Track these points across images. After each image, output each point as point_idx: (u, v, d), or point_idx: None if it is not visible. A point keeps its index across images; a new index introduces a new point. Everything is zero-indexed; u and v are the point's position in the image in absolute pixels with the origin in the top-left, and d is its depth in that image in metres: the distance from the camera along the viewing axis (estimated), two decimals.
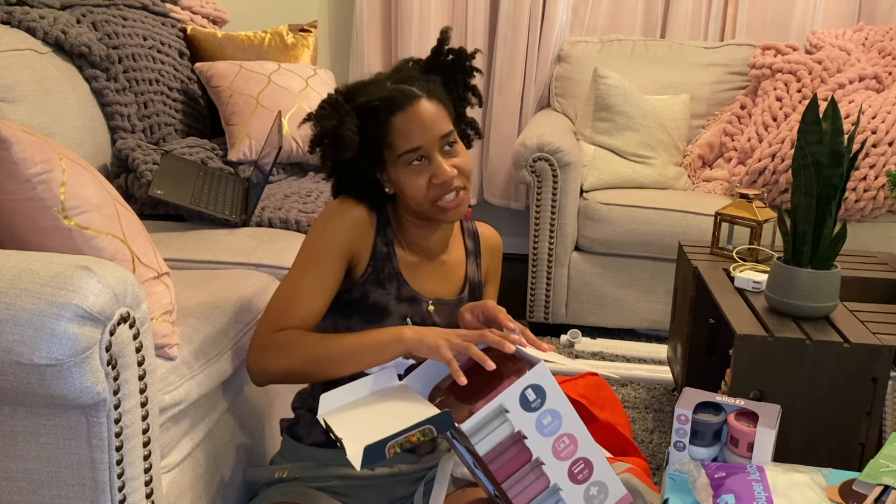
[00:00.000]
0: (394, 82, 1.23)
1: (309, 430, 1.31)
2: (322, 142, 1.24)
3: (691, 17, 3.14)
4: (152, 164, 1.93)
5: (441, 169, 1.21)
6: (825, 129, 1.40)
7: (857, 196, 2.43)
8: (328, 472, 1.27)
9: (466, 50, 1.30)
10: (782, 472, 1.15)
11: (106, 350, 0.96)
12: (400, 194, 1.25)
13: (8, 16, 1.89)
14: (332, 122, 1.21)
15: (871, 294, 1.76)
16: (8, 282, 0.93)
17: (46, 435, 1.01)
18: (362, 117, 1.21)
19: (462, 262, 1.37)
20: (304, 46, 2.68)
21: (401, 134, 1.20)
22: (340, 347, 1.17)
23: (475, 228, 1.43)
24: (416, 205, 1.23)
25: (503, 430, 1.03)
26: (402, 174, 1.22)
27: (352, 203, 1.26)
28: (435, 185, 1.21)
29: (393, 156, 1.22)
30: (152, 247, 1.26)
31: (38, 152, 1.10)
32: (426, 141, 1.20)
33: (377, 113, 1.21)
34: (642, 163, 2.73)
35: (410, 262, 1.30)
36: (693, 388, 1.27)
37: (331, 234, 1.24)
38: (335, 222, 1.24)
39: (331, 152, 1.23)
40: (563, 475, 1.06)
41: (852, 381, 1.41)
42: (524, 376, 1.03)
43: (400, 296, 1.27)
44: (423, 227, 1.29)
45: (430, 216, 1.25)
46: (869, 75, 2.66)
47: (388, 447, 1.00)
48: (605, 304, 2.60)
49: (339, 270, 1.24)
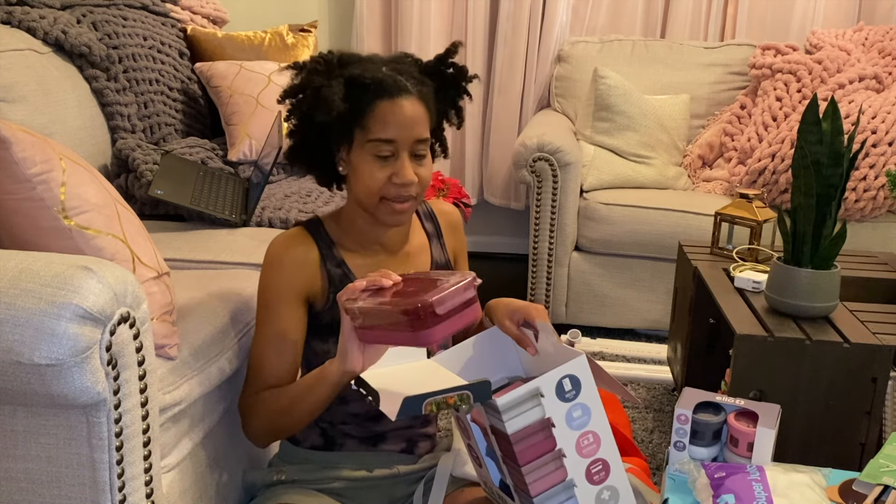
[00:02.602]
0: (389, 69, 1.20)
1: (306, 434, 1.30)
2: (299, 94, 1.21)
3: (691, 17, 3.14)
4: (152, 164, 1.93)
5: (406, 170, 1.18)
6: (825, 129, 1.40)
7: (857, 196, 2.43)
8: (327, 474, 1.27)
9: (468, 70, 1.28)
10: (782, 472, 1.15)
11: (106, 350, 0.96)
12: (352, 179, 1.22)
13: (8, 16, 1.89)
14: (320, 80, 1.18)
15: (871, 294, 1.76)
16: (8, 282, 0.93)
17: (46, 435, 1.01)
18: (348, 88, 1.18)
19: (426, 248, 1.34)
20: (304, 46, 2.68)
21: (379, 120, 1.17)
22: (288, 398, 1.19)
23: (431, 209, 1.39)
24: (364, 195, 1.20)
25: (534, 414, 1.03)
26: (365, 160, 1.19)
27: (286, 244, 1.24)
28: (394, 183, 1.18)
29: (363, 138, 1.18)
30: (152, 247, 1.26)
31: (38, 152, 1.10)
32: (401, 137, 1.17)
33: (364, 90, 1.17)
34: (642, 163, 2.73)
35: (370, 267, 1.26)
36: (693, 388, 1.27)
37: (276, 285, 1.22)
38: (275, 270, 1.23)
39: (304, 108, 1.20)
40: (581, 472, 1.07)
41: (852, 381, 1.41)
42: (565, 365, 1.04)
43: None
44: (377, 225, 1.26)
45: (373, 211, 1.22)
46: (869, 75, 2.66)
47: (426, 403, 1.00)
48: (605, 304, 2.60)
49: (297, 315, 1.23)
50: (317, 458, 1.29)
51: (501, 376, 1.24)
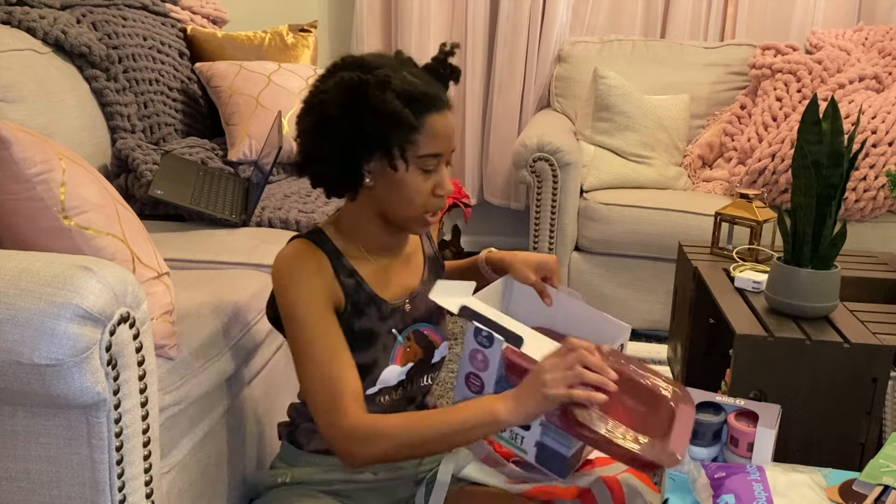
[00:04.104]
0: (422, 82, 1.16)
1: (309, 438, 1.29)
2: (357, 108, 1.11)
3: (691, 17, 3.14)
4: (152, 164, 1.93)
5: (447, 181, 1.18)
6: (825, 129, 1.40)
7: (857, 196, 2.43)
8: (331, 477, 1.27)
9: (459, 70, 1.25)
10: (782, 472, 1.15)
11: (106, 350, 0.96)
12: (387, 192, 1.17)
13: (8, 16, 1.89)
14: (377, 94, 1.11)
15: (871, 294, 1.75)
16: (8, 282, 0.93)
17: (46, 435, 1.01)
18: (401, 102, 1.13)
19: (419, 245, 1.34)
20: (304, 46, 2.68)
21: (430, 135, 1.14)
22: (428, 432, 1.10)
23: None
24: (407, 208, 1.17)
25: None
26: (411, 175, 1.15)
27: (297, 256, 1.18)
28: (436, 195, 1.17)
29: (412, 153, 1.14)
30: (152, 247, 1.26)
31: (38, 152, 1.10)
32: (446, 150, 1.17)
33: (416, 104, 1.13)
34: (642, 163, 2.73)
35: (378, 273, 1.24)
36: (693, 388, 1.27)
37: (306, 297, 1.15)
38: (297, 283, 1.15)
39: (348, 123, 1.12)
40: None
41: (852, 381, 1.41)
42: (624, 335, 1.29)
43: (381, 315, 1.23)
44: (395, 233, 1.24)
45: (406, 224, 1.20)
46: (869, 75, 2.66)
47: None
48: (605, 304, 2.60)
49: (335, 322, 1.17)
50: (320, 460, 1.28)
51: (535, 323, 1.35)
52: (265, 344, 1.52)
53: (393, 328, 1.25)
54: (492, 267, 1.39)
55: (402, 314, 1.27)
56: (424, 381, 1.32)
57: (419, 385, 1.32)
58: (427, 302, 1.26)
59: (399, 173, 1.15)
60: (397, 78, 1.13)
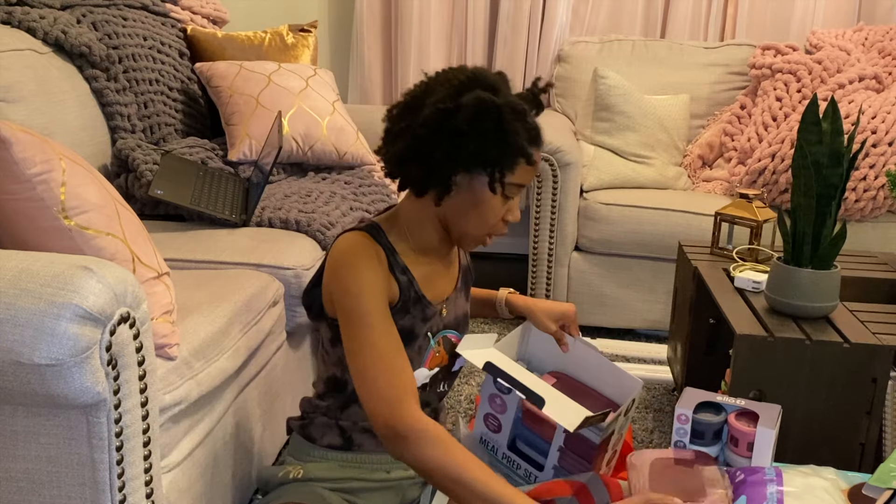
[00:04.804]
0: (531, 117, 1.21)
1: (323, 432, 1.29)
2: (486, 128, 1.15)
3: (691, 17, 3.14)
4: (152, 164, 1.93)
5: (517, 212, 1.24)
6: (825, 129, 1.40)
7: (857, 196, 2.43)
8: (344, 474, 1.27)
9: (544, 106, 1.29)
10: (801, 475, 1.14)
11: (106, 350, 0.96)
12: (464, 206, 1.20)
13: (8, 16, 1.89)
14: (514, 124, 1.16)
15: (871, 294, 1.76)
16: (8, 282, 0.93)
17: (46, 435, 1.01)
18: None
19: (456, 253, 1.38)
20: (304, 46, 2.68)
21: (528, 168, 1.19)
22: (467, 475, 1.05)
23: None
24: (477, 226, 1.21)
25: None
26: (493, 197, 1.19)
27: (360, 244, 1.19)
28: (504, 221, 1.23)
29: (507, 179, 1.18)
30: (152, 247, 1.26)
31: (38, 152, 1.10)
32: (527, 183, 1.22)
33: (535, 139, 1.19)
34: (642, 163, 2.73)
35: (426, 274, 1.26)
36: (693, 388, 1.27)
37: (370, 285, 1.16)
38: (360, 270, 1.16)
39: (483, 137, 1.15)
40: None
41: (852, 381, 1.41)
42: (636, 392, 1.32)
43: (424, 316, 1.25)
44: (448, 243, 1.29)
45: (464, 238, 1.25)
46: (869, 75, 2.66)
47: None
48: (605, 304, 2.60)
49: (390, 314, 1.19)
50: (332, 456, 1.28)
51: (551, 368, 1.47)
52: (265, 344, 1.52)
53: (429, 331, 1.27)
54: (510, 309, 1.47)
55: (439, 318, 1.29)
56: (441, 388, 1.34)
57: (436, 391, 1.33)
58: (457, 309, 1.32)
59: (487, 193, 1.19)
60: (528, 112, 1.20)
